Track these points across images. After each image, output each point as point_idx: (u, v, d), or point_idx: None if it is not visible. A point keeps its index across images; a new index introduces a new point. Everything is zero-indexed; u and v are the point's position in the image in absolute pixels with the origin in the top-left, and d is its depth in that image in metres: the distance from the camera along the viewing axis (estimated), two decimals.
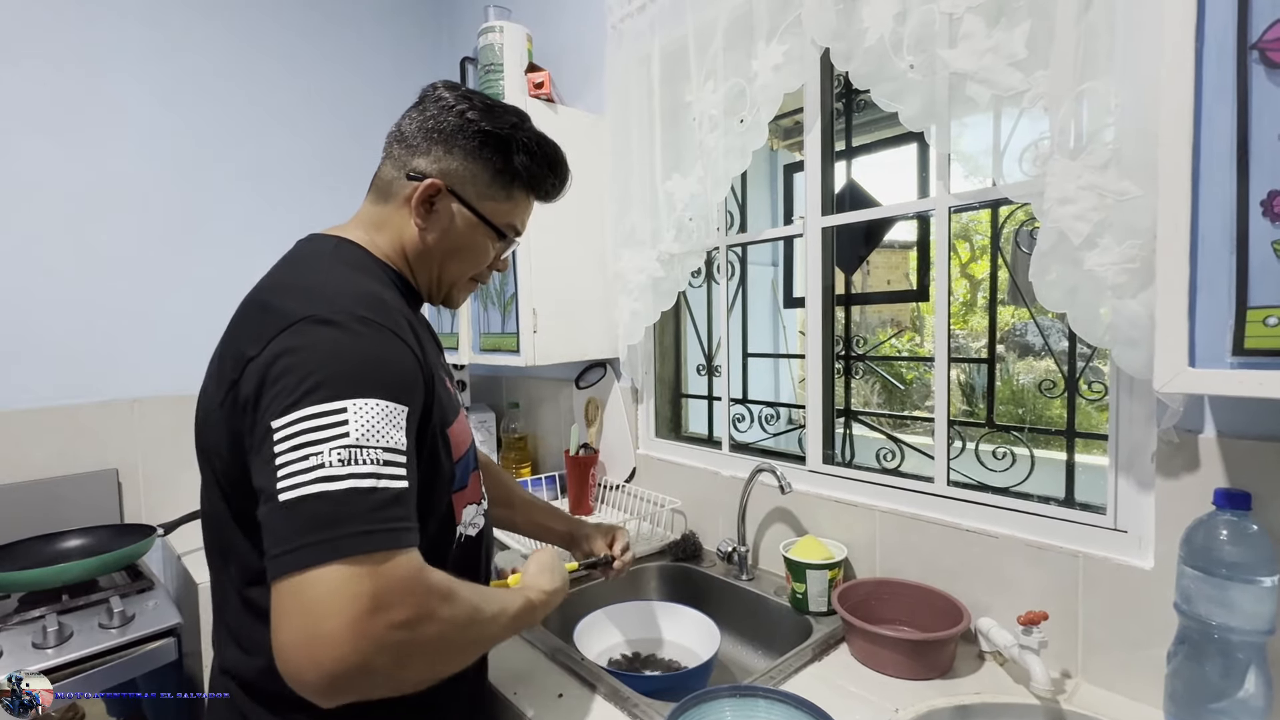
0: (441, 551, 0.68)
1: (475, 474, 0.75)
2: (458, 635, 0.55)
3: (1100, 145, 0.75)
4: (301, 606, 0.47)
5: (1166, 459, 0.78)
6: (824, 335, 1.22)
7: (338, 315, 0.55)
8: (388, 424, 0.52)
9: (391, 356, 0.56)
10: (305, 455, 0.49)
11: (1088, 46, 0.76)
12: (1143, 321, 0.72)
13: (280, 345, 0.54)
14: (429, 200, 0.69)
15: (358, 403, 0.51)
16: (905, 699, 0.82)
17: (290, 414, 0.51)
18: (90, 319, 1.60)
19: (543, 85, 1.45)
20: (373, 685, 0.49)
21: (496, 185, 0.72)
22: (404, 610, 0.49)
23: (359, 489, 0.49)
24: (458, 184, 0.70)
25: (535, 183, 0.75)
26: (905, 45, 0.93)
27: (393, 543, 0.50)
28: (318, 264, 0.65)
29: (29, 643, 1.10)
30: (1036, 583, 0.90)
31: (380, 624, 0.47)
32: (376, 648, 0.47)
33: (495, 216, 0.73)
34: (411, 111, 0.72)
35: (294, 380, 0.52)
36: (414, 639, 0.50)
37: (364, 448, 0.50)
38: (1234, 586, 0.65)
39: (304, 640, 0.46)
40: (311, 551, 0.47)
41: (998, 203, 1.00)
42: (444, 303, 0.79)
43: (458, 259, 0.74)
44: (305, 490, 0.48)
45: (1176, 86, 0.56)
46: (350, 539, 0.48)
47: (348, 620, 0.46)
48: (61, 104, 1.55)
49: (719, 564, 1.28)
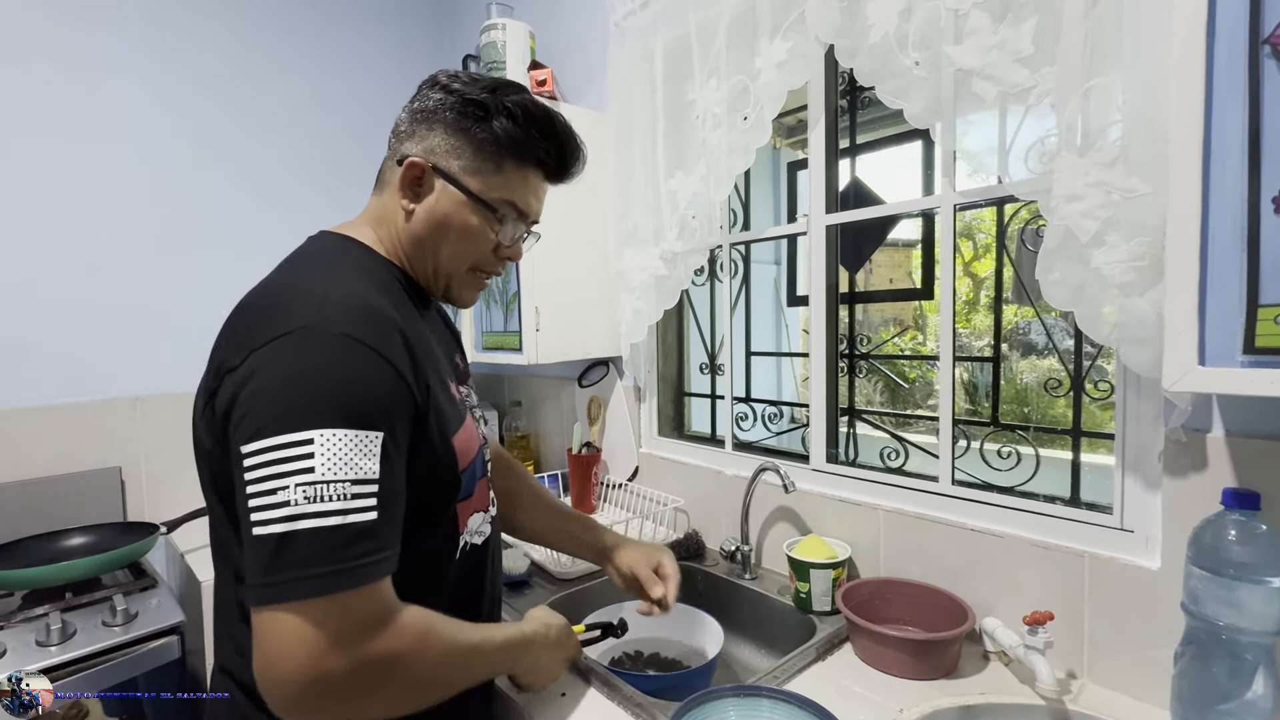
0: (444, 561, 0.67)
1: (483, 481, 0.73)
2: (431, 673, 0.55)
3: (1108, 142, 0.74)
4: (263, 641, 0.49)
5: (1174, 458, 0.77)
6: (828, 333, 1.21)
7: (318, 332, 0.54)
8: (357, 454, 0.52)
9: (368, 379, 0.54)
10: (272, 489, 0.50)
11: (1095, 42, 0.75)
12: (1151, 320, 0.71)
13: (256, 362, 0.53)
14: (416, 181, 0.67)
15: (325, 433, 0.51)
16: (910, 699, 0.82)
17: (258, 441, 0.51)
18: (93, 318, 1.60)
19: (545, 83, 1.45)
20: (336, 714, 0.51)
21: (482, 156, 0.67)
22: (360, 652, 0.50)
23: (323, 529, 0.49)
24: (441, 159, 0.67)
25: (522, 150, 0.68)
26: (910, 42, 0.92)
27: (353, 581, 0.50)
28: (318, 266, 0.63)
29: (32, 640, 1.10)
30: (1042, 583, 0.89)
31: (335, 665, 0.49)
32: (333, 687, 0.49)
33: (486, 191, 0.68)
34: (407, 103, 0.71)
35: (263, 404, 0.52)
36: (378, 677, 0.51)
37: (330, 483, 0.50)
38: (1242, 587, 0.65)
39: (264, 673, 0.49)
40: (274, 590, 0.49)
41: (1003, 200, 1.00)
42: (449, 299, 0.74)
43: (449, 242, 0.69)
44: (272, 529, 0.49)
45: (1187, 82, 0.56)
46: (309, 581, 0.49)
47: (300, 662, 0.48)
48: (63, 104, 1.54)
49: (722, 563, 1.27)
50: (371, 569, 0.51)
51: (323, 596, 0.49)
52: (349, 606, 0.50)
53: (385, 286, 0.65)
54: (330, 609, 0.49)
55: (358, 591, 0.50)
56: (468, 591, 0.71)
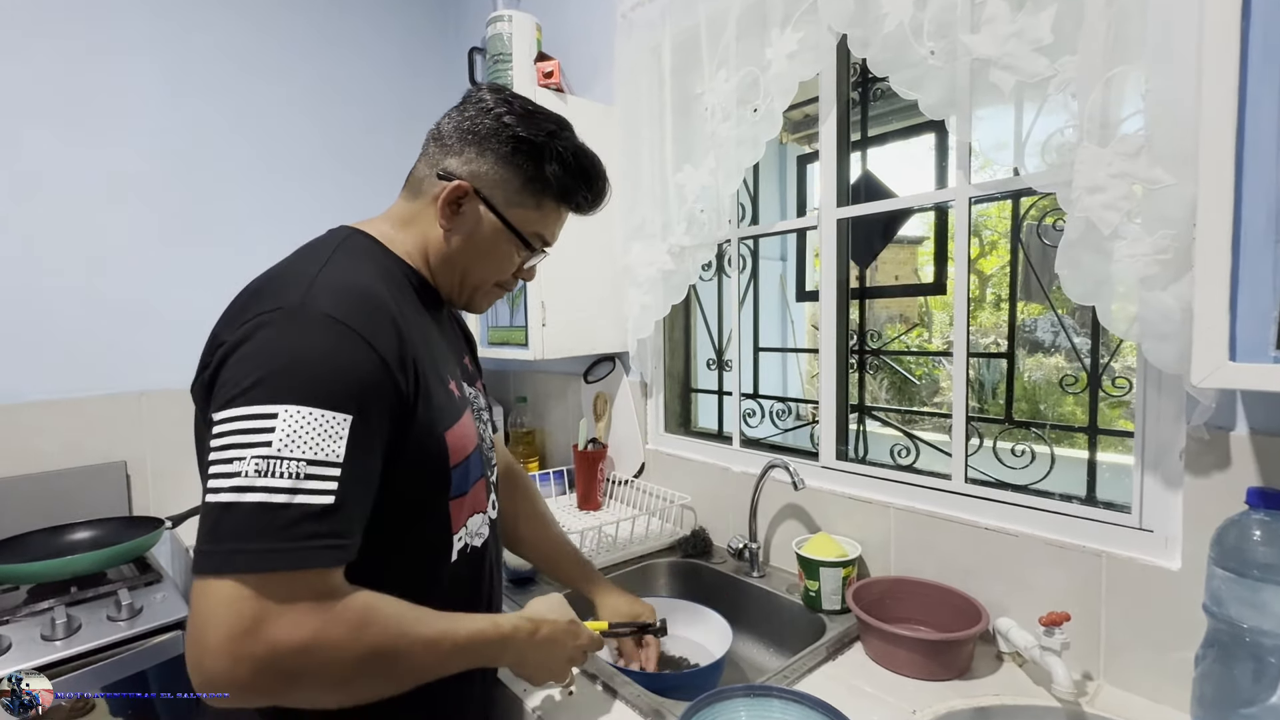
0: (436, 561, 0.66)
1: (481, 482, 0.71)
2: (364, 665, 0.52)
3: (1131, 132, 0.72)
4: (195, 611, 0.48)
5: (1196, 457, 0.76)
6: (838, 329, 1.20)
7: (303, 310, 0.54)
8: (321, 435, 0.50)
9: (345, 362, 0.53)
10: (230, 459, 0.49)
11: (1118, 29, 0.73)
12: (1175, 315, 0.70)
13: (241, 334, 0.54)
14: (456, 201, 0.68)
15: (290, 409, 0.50)
16: (922, 700, 0.81)
17: (228, 409, 0.51)
18: (98, 311, 1.59)
19: (552, 75, 1.43)
20: (252, 701, 0.49)
21: (526, 193, 0.70)
22: (290, 635, 0.48)
23: (268, 504, 0.48)
24: (486, 188, 0.69)
25: (567, 194, 0.73)
26: (926, 31, 0.90)
27: (296, 562, 0.49)
28: (317, 254, 0.63)
29: (38, 635, 1.09)
30: (1057, 583, 0.88)
31: (259, 646, 0.47)
32: (253, 669, 0.47)
33: (523, 225, 0.71)
34: (452, 111, 0.72)
35: (240, 373, 0.52)
36: (300, 667, 0.49)
37: (284, 459, 0.49)
38: (1267, 589, 0.63)
39: (190, 644, 0.48)
40: (210, 559, 0.48)
41: (1019, 193, 0.98)
42: (466, 307, 0.77)
43: (481, 265, 0.72)
44: (221, 497, 0.49)
45: (1220, 67, 0.54)
46: (247, 556, 0.48)
47: (224, 637, 0.47)
48: (68, 95, 1.54)
49: (730, 561, 1.26)
50: (315, 554, 0.49)
51: (254, 574, 0.47)
52: (280, 587, 0.48)
53: (389, 278, 0.65)
54: (261, 588, 0.47)
55: (294, 574, 0.49)
56: (466, 593, 0.70)
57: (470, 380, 0.79)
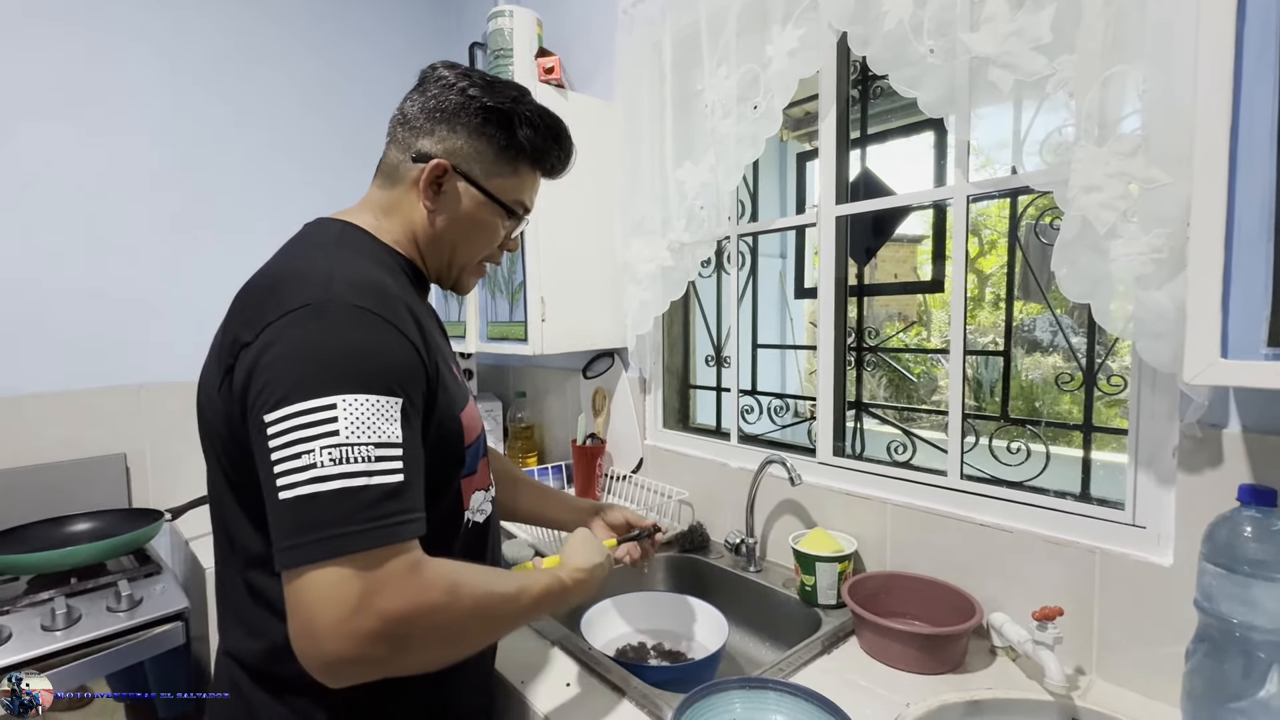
0: (449, 536, 0.68)
1: (484, 460, 0.75)
2: (463, 624, 0.56)
3: (1128, 131, 0.73)
4: (299, 603, 0.50)
5: (1189, 454, 0.76)
6: (836, 326, 1.20)
7: (331, 304, 0.55)
8: (379, 418, 0.52)
9: (385, 348, 0.55)
10: (298, 453, 0.50)
11: (1116, 29, 0.73)
12: (1169, 313, 0.70)
13: (272, 334, 0.54)
14: (437, 181, 0.69)
15: (347, 399, 0.51)
16: (916, 693, 0.82)
17: (281, 408, 0.51)
18: (98, 304, 1.59)
19: (553, 70, 1.43)
20: (373, 672, 0.51)
21: (502, 161, 0.71)
22: (395, 605, 0.50)
23: (350, 489, 0.50)
24: (464, 163, 0.70)
25: (540, 156, 0.74)
26: (926, 29, 0.91)
27: (385, 539, 0.51)
28: (320, 249, 0.64)
29: (38, 625, 1.10)
30: (1051, 578, 0.88)
31: (369, 621, 0.49)
32: (368, 642, 0.49)
33: (503, 193, 0.72)
34: (413, 94, 0.72)
35: (283, 372, 0.52)
36: (410, 632, 0.51)
37: (355, 445, 0.51)
38: (1257, 584, 0.64)
39: (302, 634, 0.50)
40: (305, 550, 0.49)
41: (1017, 191, 0.98)
42: (454, 288, 0.78)
43: (469, 240, 0.73)
44: (299, 490, 0.50)
45: (1215, 67, 0.54)
46: (340, 539, 0.49)
47: (336, 618, 0.48)
48: (68, 88, 1.54)
49: (727, 555, 1.27)
50: (400, 528, 0.52)
51: (352, 554, 0.49)
52: (377, 565, 0.50)
53: (388, 269, 0.67)
54: (360, 566, 0.49)
55: (386, 549, 0.51)
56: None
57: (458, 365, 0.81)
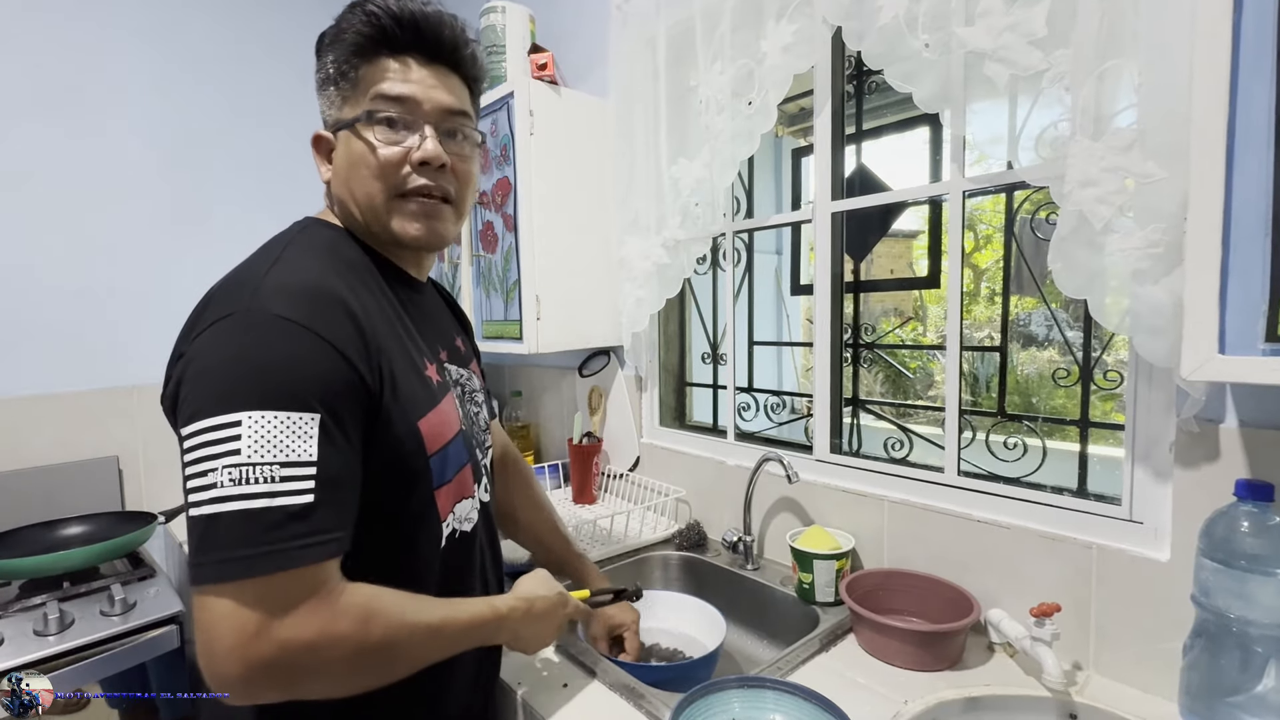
0: (425, 549, 0.65)
1: (468, 467, 0.70)
2: (374, 655, 0.54)
3: (1124, 126, 0.72)
4: (199, 623, 0.49)
5: (1185, 449, 0.76)
6: (833, 323, 1.20)
7: (251, 314, 0.53)
8: (288, 436, 0.51)
9: (301, 360, 0.52)
10: (203, 471, 0.50)
11: (1111, 23, 0.73)
12: (1166, 308, 0.70)
13: (198, 346, 0.54)
14: (324, 154, 0.69)
15: (253, 415, 0.50)
16: (914, 690, 0.81)
17: (192, 423, 0.51)
18: (91, 305, 1.58)
19: (546, 67, 1.42)
20: (275, 696, 0.50)
21: (339, 85, 0.65)
22: (296, 633, 0.49)
23: (249, 510, 0.49)
24: (327, 118, 0.68)
25: (347, 43, 0.64)
26: (920, 23, 0.90)
27: (285, 563, 0.49)
28: (268, 251, 0.62)
29: (30, 630, 1.09)
30: (1048, 574, 0.88)
31: (266, 648, 0.48)
32: (264, 670, 0.48)
33: (354, 109, 0.65)
34: None
35: (198, 387, 0.52)
36: (310, 663, 0.50)
37: (256, 465, 0.49)
38: (1254, 579, 0.64)
39: (202, 654, 0.49)
40: (204, 571, 0.49)
41: (1013, 186, 0.98)
42: (394, 239, 0.67)
43: (356, 177, 0.65)
44: (203, 510, 0.49)
45: (1211, 61, 0.54)
46: (237, 563, 0.48)
47: (232, 645, 0.48)
48: (57, 87, 1.52)
49: (724, 554, 1.27)
50: (305, 552, 0.50)
51: (250, 579, 0.48)
52: (277, 589, 0.49)
53: (348, 265, 0.64)
54: (259, 591, 0.48)
55: (288, 574, 0.49)
56: (459, 579, 0.70)
57: (463, 361, 0.78)
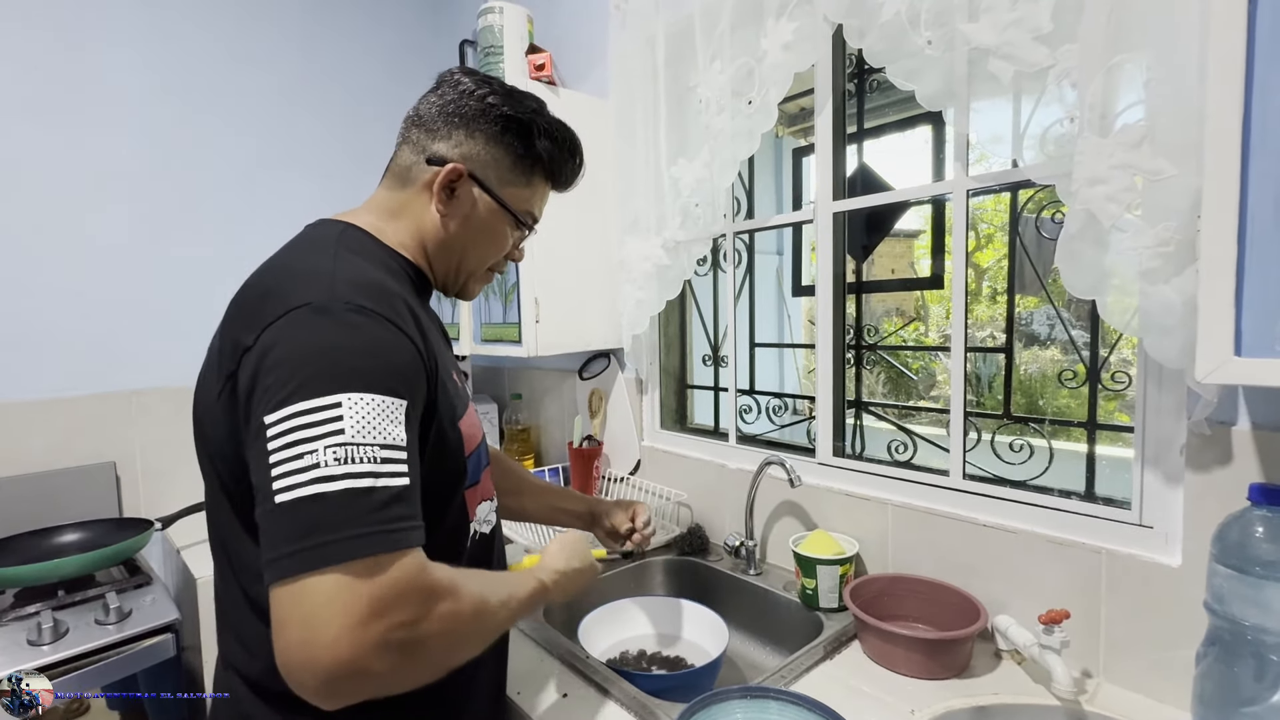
0: (456, 549, 0.66)
1: (488, 470, 0.73)
2: (463, 630, 0.54)
3: (1133, 122, 0.71)
4: (299, 614, 0.46)
5: (1197, 452, 0.74)
6: (835, 324, 1.18)
7: (334, 303, 0.53)
8: (385, 419, 0.50)
9: (389, 348, 0.54)
10: (300, 454, 0.47)
11: (1120, 17, 0.71)
12: (1177, 308, 0.68)
13: (274, 335, 0.52)
14: (450, 186, 0.67)
15: (353, 397, 0.49)
16: (921, 699, 0.80)
17: (283, 409, 0.49)
18: (88, 310, 1.57)
19: (544, 67, 1.41)
20: (374, 688, 0.48)
21: (518, 171, 0.71)
22: (403, 613, 0.48)
23: (356, 489, 0.47)
24: (480, 169, 0.69)
25: (555, 169, 0.74)
26: (923, 20, 0.89)
27: (391, 545, 0.48)
28: (321, 249, 0.62)
29: (24, 640, 1.08)
30: (1056, 580, 0.87)
31: (377, 629, 0.46)
32: (375, 653, 0.46)
33: (515, 203, 0.72)
34: (429, 95, 0.70)
35: (287, 373, 0.50)
36: (415, 640, 0.49)
37: (360, 445, 0.48)
38: (1270, 586, 0.62)
39: (302, 647, 0.45)
40: (307, 557, 0.46)
41: (1018, 185, 0.96)
42: (460, 294, 0.77)
43: (478, 247, 0.72)
44: (301, 492, 0.47)
45: (1226, 53, 0.52)
46: (346, 543, 0.46)
47: (344, 628, 0.45)
48: (56, 90, 1.51)
49: (726, 558, 1.25)
50: (408, 534, 0.49)
51: (362, 559, 0.46)
52: (385, 570, 0.47)
53: (390, 272, 0.65)
54: (368, 573, 0.46)
55: (395, 556, 0.48)
56: None
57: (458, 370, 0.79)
